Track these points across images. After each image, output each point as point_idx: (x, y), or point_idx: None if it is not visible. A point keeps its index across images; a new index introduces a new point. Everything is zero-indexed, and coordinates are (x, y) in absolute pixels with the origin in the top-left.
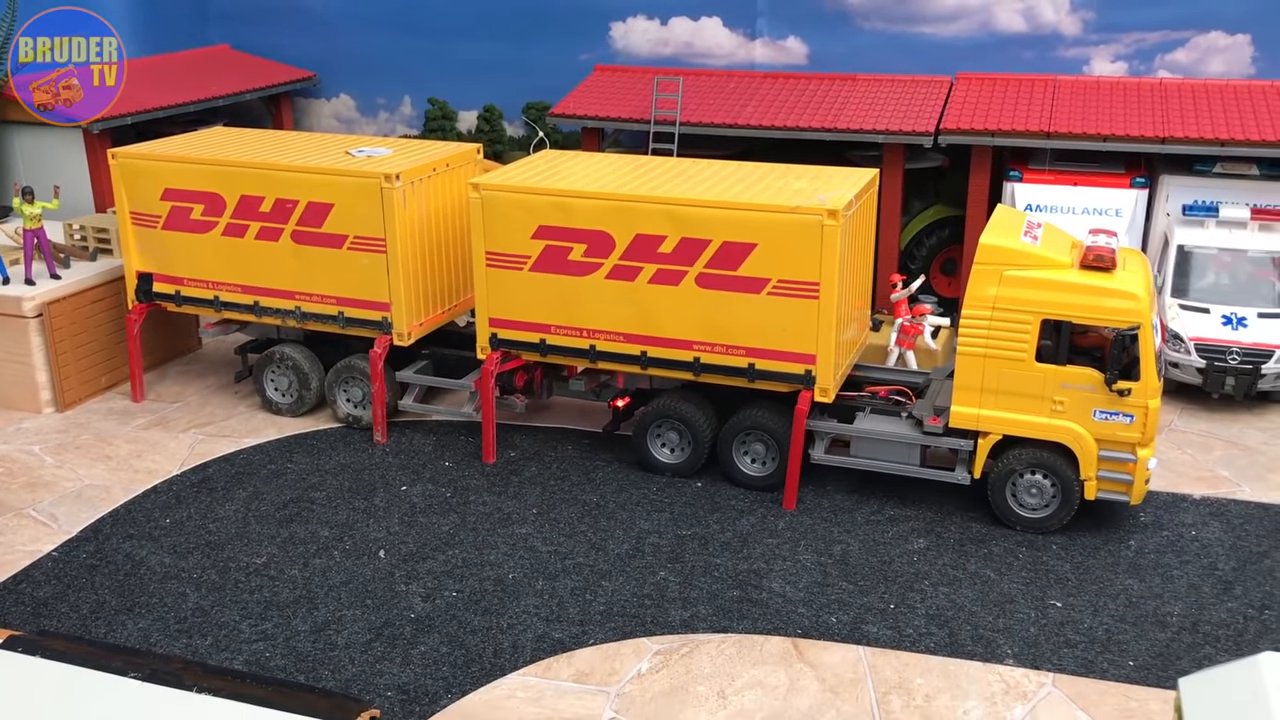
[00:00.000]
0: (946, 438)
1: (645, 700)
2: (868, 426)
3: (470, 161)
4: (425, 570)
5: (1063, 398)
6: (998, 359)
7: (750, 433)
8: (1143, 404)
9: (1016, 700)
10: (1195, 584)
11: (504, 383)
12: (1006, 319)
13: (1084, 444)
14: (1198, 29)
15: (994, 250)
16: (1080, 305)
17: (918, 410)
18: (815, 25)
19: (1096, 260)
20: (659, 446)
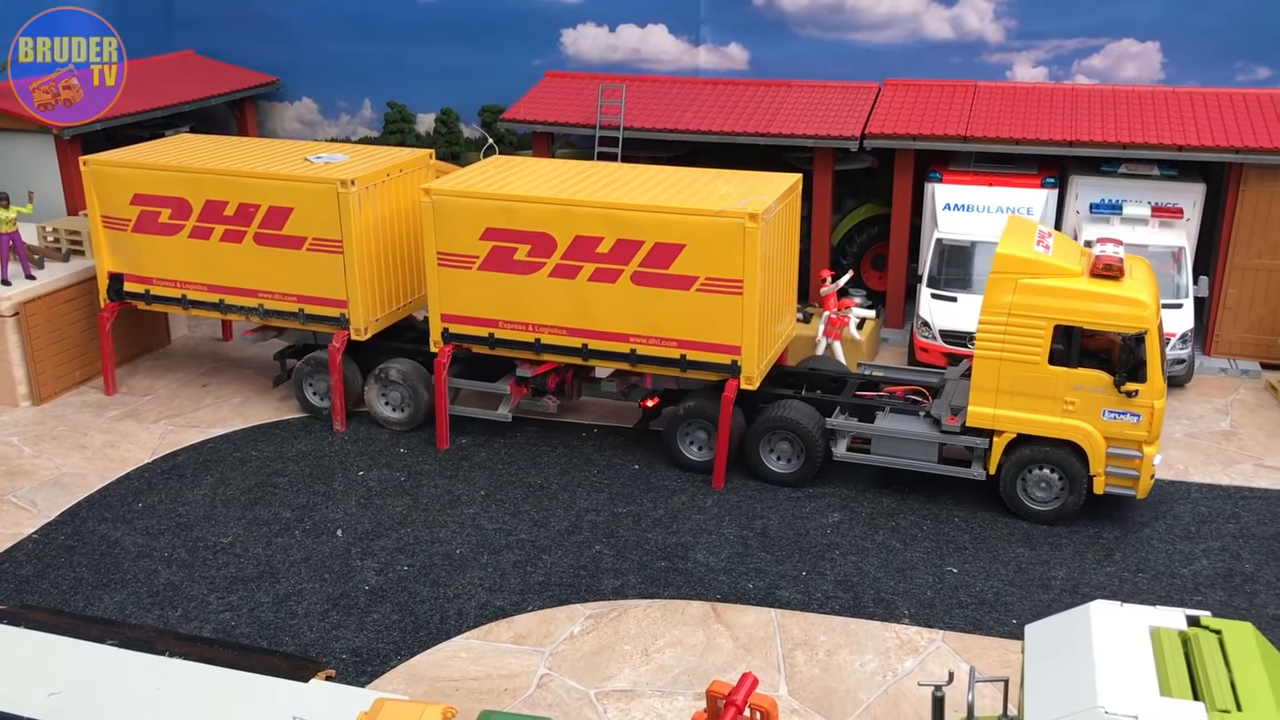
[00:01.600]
0: (964, 436)
1: (576, 658)
2: (888, 425)
3: (423, 166)
4: (379, 547)
5: (1074, 398)
6: (1013, 362)
7: (776, 431)
8: (1149, 404)
9: (909, 654)
10: (1080, 551)
11: (538, 385)
12: (1021, 324)
13: (1094, 442)
14: (1111, 36)
15: (1010, 259)
16: (1091, 311)
17: (935, 410)
18: (755, 32)
19: (1106, 269)
20: (688, 445)
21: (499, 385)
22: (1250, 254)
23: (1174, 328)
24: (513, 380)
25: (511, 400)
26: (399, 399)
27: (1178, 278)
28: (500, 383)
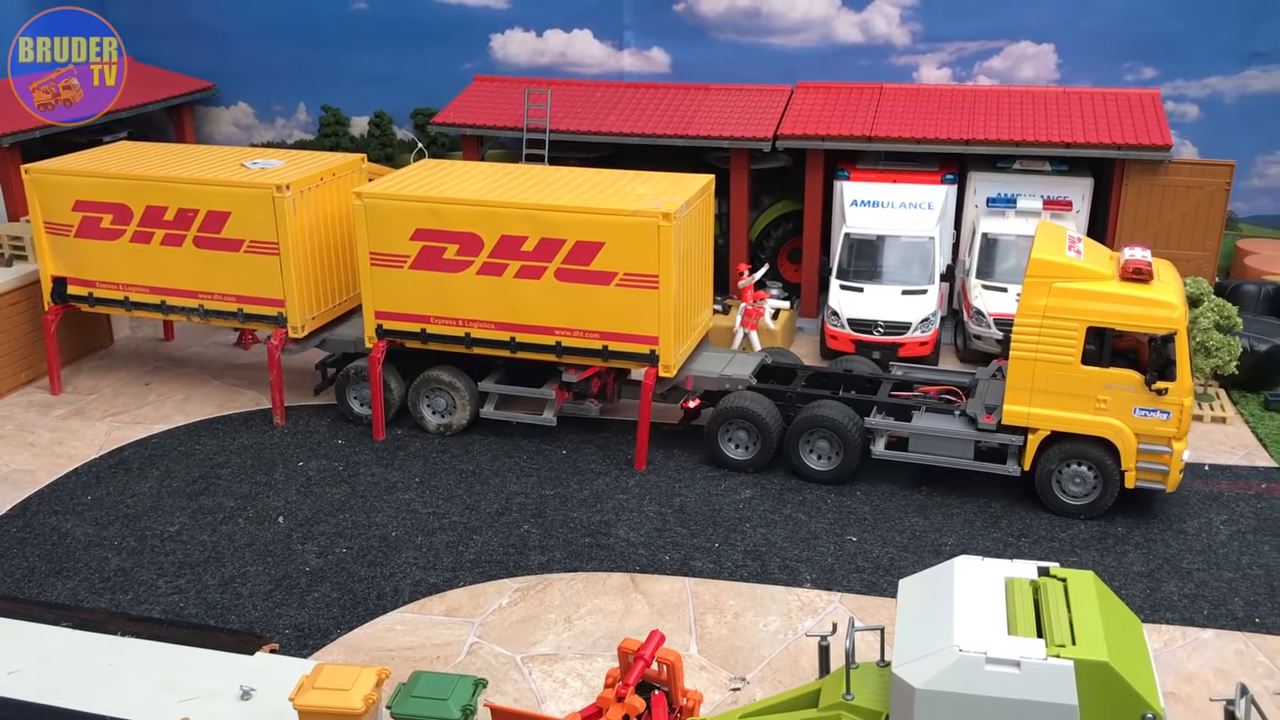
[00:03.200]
0: (999, 434)
1: (504, 627)
2: (926, 424)
3: (355, 170)
4: (319, 532)
5: (1106, 397)
6: (1047, 362)
7: (815, 430)
8: (1178, 401)
9: (808, 614)
10: (970, 519)
11: (581, 389)
12: (1056, 326)
13: (1125, 438)
14: (1010, 39)
15: (1044, 264)
16: (1123, 313)
17: (971, 409)
18: (676, 37)
19: (1135, 272)
20: (729, 445)
21: (544, 390)
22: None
23: None
24: (557, 385)
25: (555, 404)
26: (444, 405)
27: None
28: (545, 388)
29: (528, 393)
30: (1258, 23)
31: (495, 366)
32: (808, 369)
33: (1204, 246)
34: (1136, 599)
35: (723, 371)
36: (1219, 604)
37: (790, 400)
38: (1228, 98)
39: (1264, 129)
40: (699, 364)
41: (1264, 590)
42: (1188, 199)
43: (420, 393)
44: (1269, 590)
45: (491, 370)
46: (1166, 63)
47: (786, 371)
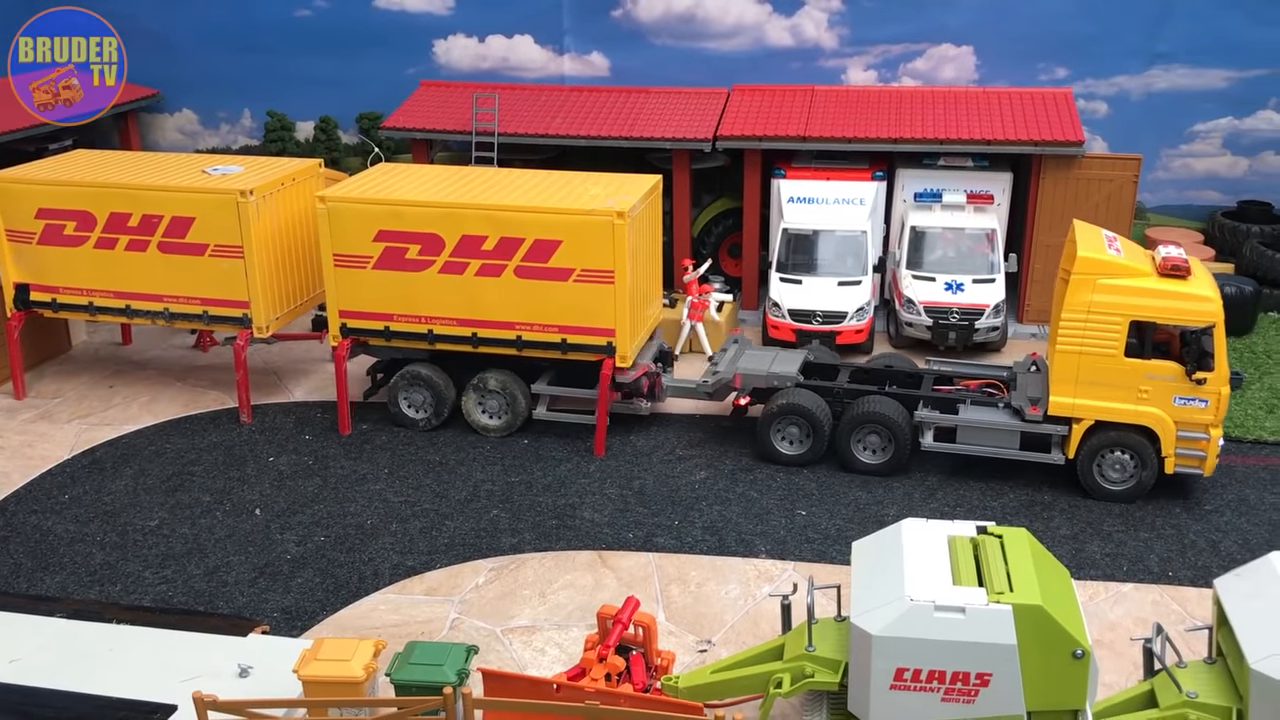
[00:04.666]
0: (1045, 424)
1: (482, 603)
2: (974, 417)
3: (314, 175)
4: (296, 522)
5: (1147, 387)
6: (1092, 355)
7: (866, 425)
8: (1216, 391)
9: (765, 582)
10: (909, 493)
11: (633, 388)
12: (1100, 321)
13: (1166, 426)
14: (932, 42)
15: (1090, 262)
16: (1164, 308)
17: (1015, 401)
18: (615, 41)
19: (1174, 269)
20: (781, 441)
21: (596, 392)
22: (1052, 233)
23: (988, 299)
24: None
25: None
26: (496, 407)
27: (991, 256)
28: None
29: (580, 394)
30: (1159, 25)
31: (544, 369)
32: (849, 365)
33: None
34: (1064, 558)
35: (770, 369)
36: (1137, 561)
37: (838, 396)
38: (1134, 95)
39: (1168, 124)
40: (745, 362)
41: (1176, 548)
42: (1099, 191)
43: (473, 396)
44: (1180, 548)
45: (541, 373)
46: (1077, 63)
47: (827, 368)
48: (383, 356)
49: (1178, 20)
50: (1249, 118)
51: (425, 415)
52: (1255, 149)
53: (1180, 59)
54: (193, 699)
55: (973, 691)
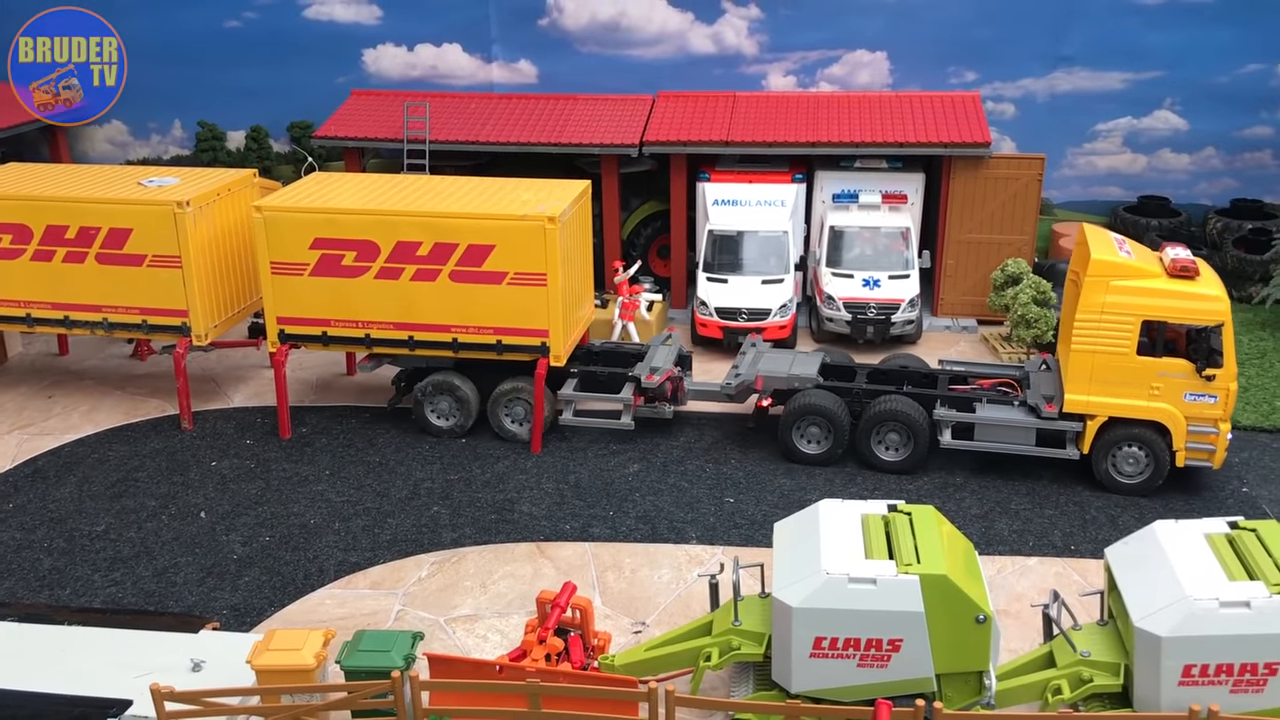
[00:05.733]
0: (1061, 421)
1: (425, 595)
2: (992, 415)
3: (249, 185)
4: (241, 524)
5: (1159, 384)
6: (1105, 354)
7: (886, 423)
8: (1224, 386)
9: (696, 566)
10: (830, 479)
11: (658, 392)
12: (1113, 321)
13: (1177, 421)
14: (847, 48)
15: (1104, 265)
16: (1174, 308)
17: (1031, 399)
18: (542, 49)
19: (1182, 270)
20: (802, 440)
21: (624, 396)
22: (963, 230)
23: (903, 294)
24: (634, 389)
25: (632, 408)
26: (523, 413)
27: (906, 253)
28: (624, 393)
29: (605, 399)
30: (1062, 30)
31: (569, 376)
32: (865, 366)
33: (1022, 231)
34: (974, 536)
35: (789, 371)
36: (1042, 536)
37: (856, 396)
38: (1039, 97)
39: (1071, 124)
40: (765, 365)
41: (1078, 523)
42: (1007, 189)
43: (500, 403)
44: (1082, 523)
45: (566, 380)
46: (985, 67)
47: (844, 370)
48: (406, 365)
49: (1078, 25)
50: (1146, 117)
51: (452, 423)
52: (1152, 147)
53: (1081, 62)
54: (150, 691)
55: (885, 657)
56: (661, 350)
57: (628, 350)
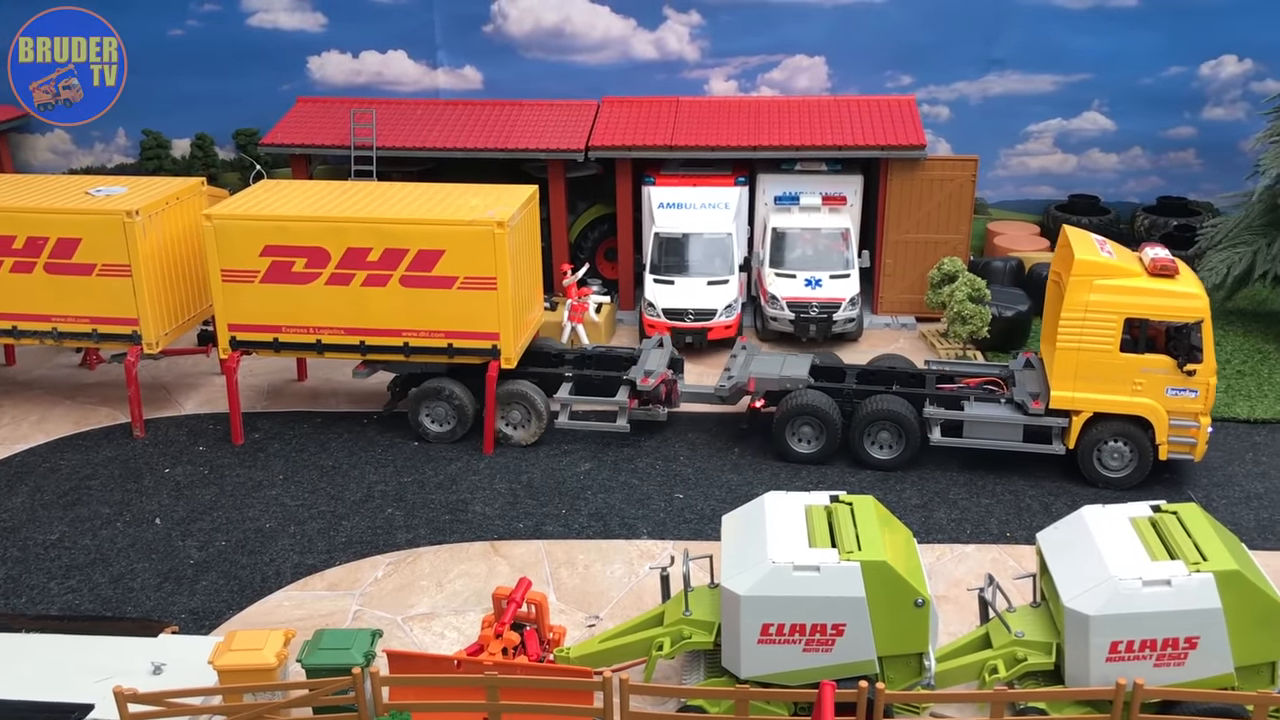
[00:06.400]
0: (1047, 417)
1: (382, 595)
2: (980, 412)
3: (197, 194)
4: (196, 529)
5: (1141, 380)
6: (1090, 351)
7: (877, 422)
8: (1205, 381)
9: (647, 560)
10: (775, 473)
11: (652, 395)
12: (1097, 319)
13: (1159, 416)
14: (786, 53)
15: (1087, 265)
16: (1156, 305)
17: (1017, 396)
18: (487, 55)
19: (1163, 269)
20: (795, 440)
21: (619, 399)
22: (901, 230)
23: (844, 293)
24: (629, 392)
25: (627, 410)
26: (519, 418)
27: (846, 253)
28: (619, 396)
29: (601, 403)
30: (994, 34)
31: (564, 380)
32: (854, 367)
33: (957, 230)
34: (914, 525)
35: (781, 373)
36: (979, 524)
37: (847, 396)
38: (973, 100)
39: (1004, 126)
40: (757, 367)
41: (1013, 511)
42: (942, 190)
43: (496, 408)
44: (1017, 511)
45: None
46: (921, 71)
47: (833, 370)
48: (401, 371)
49: (1009, 30)
50: (1076, 118)
51: (448, 428)
52: (1082, 147)
53: (1013, 65)
54: (114, 693)
55: (830, 641)
56: (655, 353)
57: (620, 354)
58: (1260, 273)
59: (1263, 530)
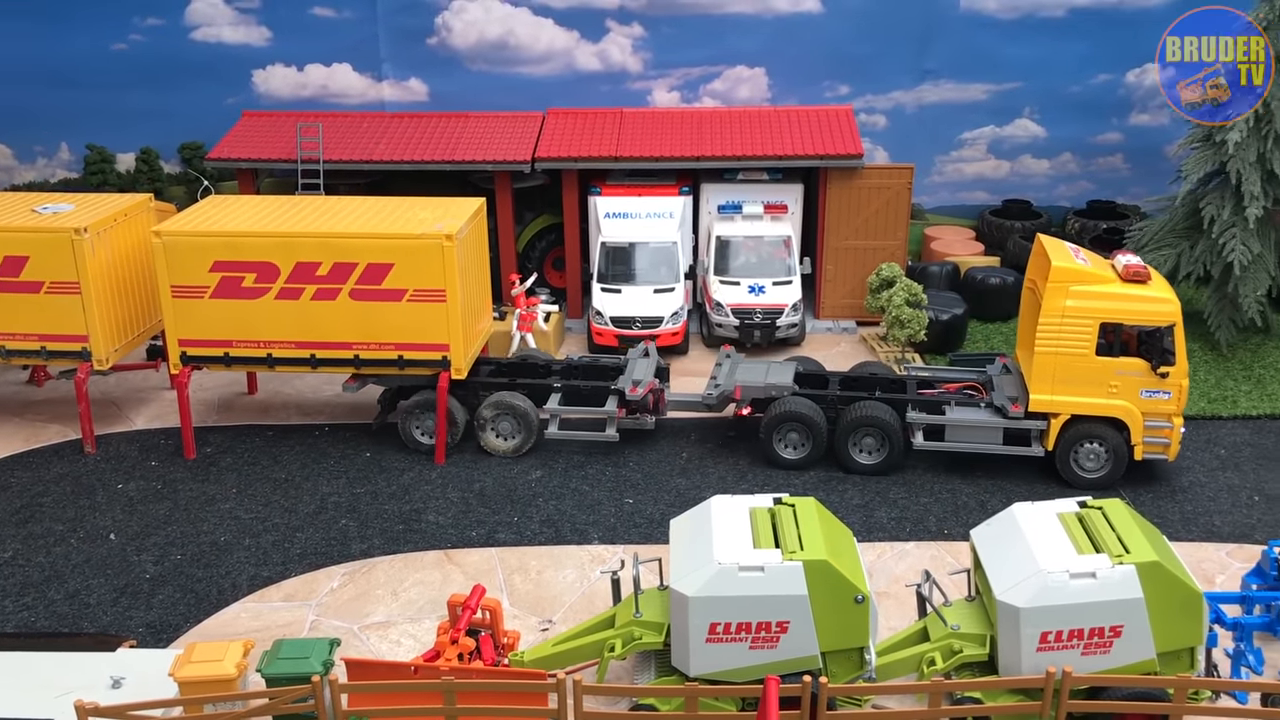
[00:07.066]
0: (1026, 420)
1: (338, 605)
2: (961, 416)
3: (145, 210)
4: (151, 544)
5: (1116, 382)
6: (1067, 355)
7: (862, 428)
8: (1178, 383)
9: (598, 564)
10: (722, 477)
11: (641, 405)
12: (1074, 324)
13: (1134, 417)
14: (727, 64)
15: (1063, 272)
16: (1130, 310)
17: (996, 400)
18: (432, 68)
19: (1135, 275)
20: (782, 446)
21: (608, 409)
22: (840, 237)
23: (786, 299)
24: (619, 402)
25: (615, 419)
26: (509, 429)
27: (788, 260)
28: (609, 406)
29: (591, 413)
30: (927, 45)
31: (553, 391)
32: (836, 374)
33: (895, 236)
34: (856, 524)
35: (766, 381)
36: (918, 522)
37: (831, 403)
38: (908, 109)
39: (939, 134)
40: (742, 375)
41: (950, 509)
42: (879, 197)
43: (484, 419)
44: (954, 509)
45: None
46: (858, 81)
47: (815, 377)
48: (390, 385)
49: (941, 40)
50: (1008, 125)
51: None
52: (1014, 153)
53: (946, 75)
54: (74, 708)
55: (775, 638)
56: (641, 363)
57: (606, 364)
58: (1184, 274)
59: (1186, 522)
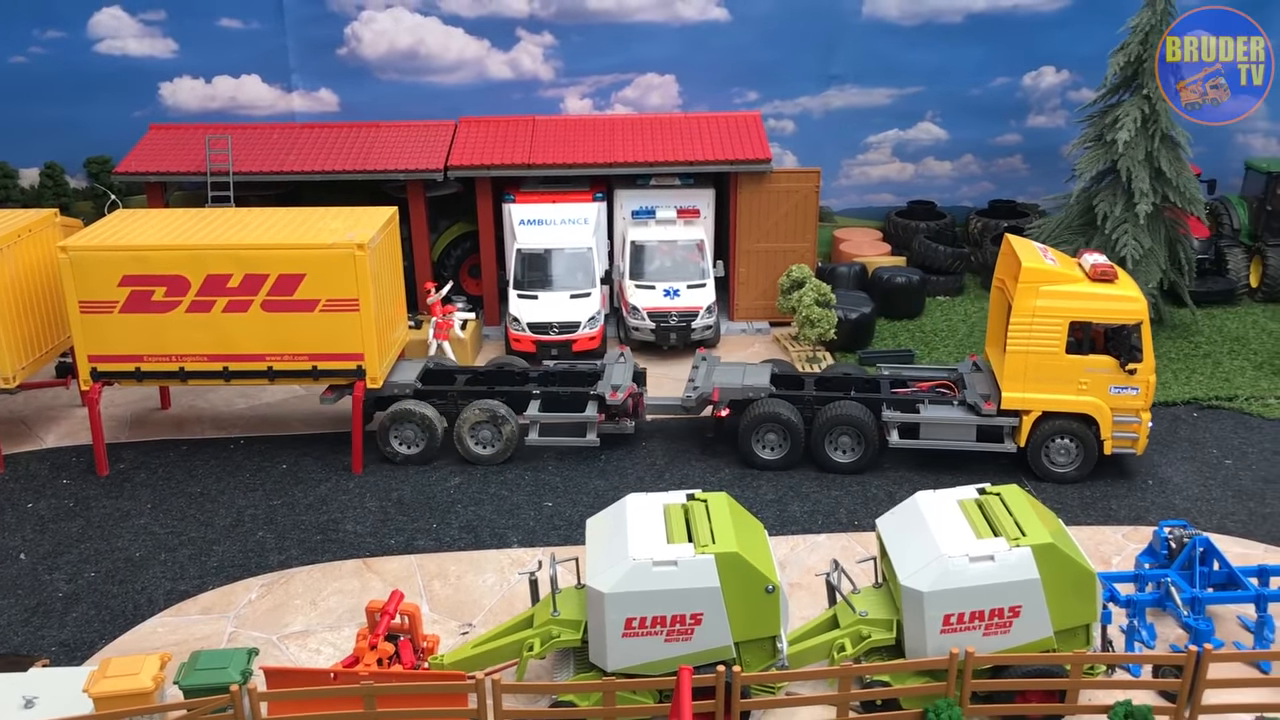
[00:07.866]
0: (999, 417)
1: (256, 616)
2: (936, 414)
3: (51, 225)
4: (64, 562)
5: (1086, 379)
6: (1038, 354)
7: (838, 427)
8: (1145, 379)
9: (518, 568)
10: (641, 476)
11: (621, 409)
12: (1044, 323)
13: (1104, 413)
14: (638, 71)
15: (1033, 272)
16: (1098, 308)
17: (969, 398)
18: (342, 78)
19: (1102, 274)
20: (760, 447)
21: (588, 414)
22: (752, 240)
23: (701, 302)
24: (599, 408)
25: (595, 425)
26: (489, 436)
27: (701, 263)
28: (589, 411)
29: (571, 418)
30: (832, 51)
31: (532, 398)
32: (810, 375)
33: (804, 238)
34: (769, 518)
35: (743, 383)
36: (830, 515)
37: (808, 403)
38: (815, 114)
39: (846, 138)
40: (719, 377)
41: (861, 501)
42: (788, 201)
43: (464, 428)
44: (864, 501)
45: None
46: (766, 87)
47: (790, 379)
48: (368, 396)
49: (845, 47)
50: (911, 129)
51: (417, 450)
52: (918, 155)
53: (851, 80)
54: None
55: (689, 630)
56: (618, 368)
57: (584, 370)
58: None
59: (1085, 507)
